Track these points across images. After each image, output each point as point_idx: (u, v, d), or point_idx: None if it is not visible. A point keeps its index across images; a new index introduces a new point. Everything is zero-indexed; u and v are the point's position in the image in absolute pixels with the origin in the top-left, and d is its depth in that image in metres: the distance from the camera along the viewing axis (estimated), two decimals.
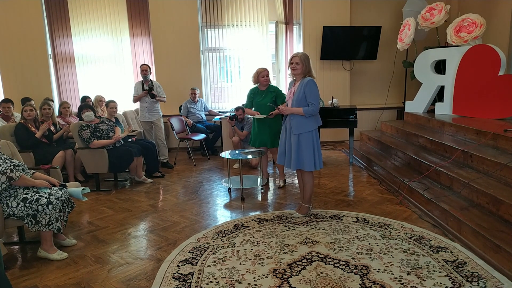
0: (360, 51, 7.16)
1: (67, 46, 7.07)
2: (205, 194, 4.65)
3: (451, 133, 4.87)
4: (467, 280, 2.52)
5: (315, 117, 3.59)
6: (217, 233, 3.44)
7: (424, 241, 3.12)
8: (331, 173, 5.40)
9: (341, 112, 5.70)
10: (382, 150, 5.82)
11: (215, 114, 7.19)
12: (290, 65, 3.55)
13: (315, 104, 3.45)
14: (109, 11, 7.01)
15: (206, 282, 2.61)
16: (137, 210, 4.16)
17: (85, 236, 3.50)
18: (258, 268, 2.77)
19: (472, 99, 5.26)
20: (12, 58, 6.86)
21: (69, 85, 7.22)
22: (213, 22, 7.15)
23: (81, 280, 2.72)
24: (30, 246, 3.34)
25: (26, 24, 6.80)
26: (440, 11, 5.85)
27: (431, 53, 5.94)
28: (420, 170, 4.44)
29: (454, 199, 3.60)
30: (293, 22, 7.21)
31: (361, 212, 3.84)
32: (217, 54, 7.34)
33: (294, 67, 3.49)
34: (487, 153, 3.85)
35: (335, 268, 2.74)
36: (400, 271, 2.66)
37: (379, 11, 7.28)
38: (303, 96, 3.46)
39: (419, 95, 6.17)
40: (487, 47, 5.09)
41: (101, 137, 4.81)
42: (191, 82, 7.04)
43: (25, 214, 2.94)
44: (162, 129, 6.06)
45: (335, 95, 6.30)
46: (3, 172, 2.92)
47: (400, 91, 7.35)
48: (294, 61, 3.49)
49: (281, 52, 7.24)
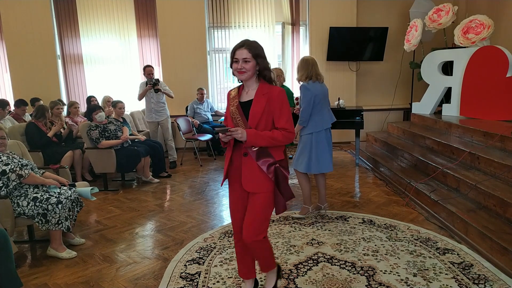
0: (367, 52, 7.15)
1: (75, 47, 7.14)
2: (211, 195, 4.68)
3: (458, 134, 4.86)
4: (474, 283, 2.51)
5: (319, 120, 3.57)
6: (224, 233, 3.46)
7: (431, 243, 3.12)
8: (337, 174, 5.40)
9: (348, 113, 5.70)
10: (389, 151, 5.81)
11: (221, 114, 7.22)
12: None
13: (304, 113, 3.60)
14: (117, 12, 7.07)
15: (213, 282, 2.64)
16: (144, 210, 4.20)
17: (93, 235, 3.55)
18: None
19: (479, 100, 5.24)
20: (21, 59, 6.94)
21: (77, 85, 7.29)
22: (220, 23, 7.18)
23: (90, 279, 2.76)
24: (39, 244, 3.39)
25: (35, 25, 6.88)
26: (447, 12, 5.82)
27: (438, 54, 5.92)
28: (427, 172, 4.43)
29: (461, 201, 3.59)
30: (300, 23, 7.22)
31: (367, 214, 3.84)
32: (223, 54, 7.38)
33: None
34: (494, 155, 3.83)
35: (341, 269, 2.75)
36: (406, 273, 2.67)
37: (386, 12, 7.27)
38: None
39: (426, 97, 6.15)
40: (495, 48, 5.07)
41: (109, 137, 4.86)
42: (197, 83, 7.07)
43: (35, 213, 2.99)
44: (169, 130, 6.08)
45: (341, 96, 6.29)
46: (13, 170, 2.98)
47: (407, 92, 7.32)
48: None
49: (287, 53, 7.26)
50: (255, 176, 2.11)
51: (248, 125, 2.10)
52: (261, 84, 2.15)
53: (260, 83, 2.15)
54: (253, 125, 2.09)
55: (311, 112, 3.54)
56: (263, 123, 2.10)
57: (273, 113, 2.10)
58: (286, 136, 2.10)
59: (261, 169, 2.09)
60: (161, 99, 5.92)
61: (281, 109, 2.10)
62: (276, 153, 2.14)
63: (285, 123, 2.10)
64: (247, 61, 2.06)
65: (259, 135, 2.05)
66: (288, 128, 2.11)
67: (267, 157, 2.10)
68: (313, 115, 3.56)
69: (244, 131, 2.03)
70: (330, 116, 3.69)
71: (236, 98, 2.19)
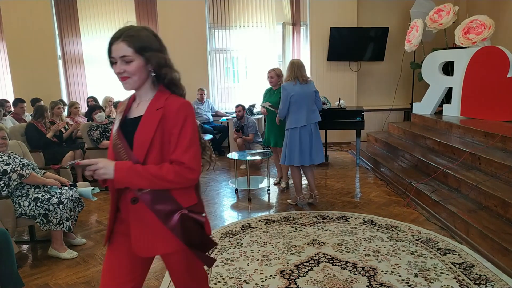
0: (367, 52, 7.15)
1: (76, 47, 7.14)
2: (212, 195, 4.68)
3: (459, 135, 4.86)
4: (475, 283, 2.52)
5: (294, 118, 3.89)
6: (225, 233, 3.47)
7: (432, 243, 3.12)
8: (338, 175, 5.40)
9: (348, 113, 5.70)
10: (389, 151, 5.81)
11: (222, 115, 7.22)
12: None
13: (280, 109, 3.95)
14: (117, 12, 7.07)
15: (214, 282, 2.64)
16: None
17: (95, 235, 3.55)
18: (266, 269, 2.79)
19: (480, 101, 5.24)
20: (22, 59, 6.94)
21: (77, 85, 7.29)
22: (221, 23, 7.18)
23: (91, 279, 2.76)
24: (40, 245, 3.40)
25: (36, 25, 6.88)
26: (448, 12, 5.82)
27: (439, 54, 5.91)
28: (428, 172, 4.43)
29: (462, 201, 3.59)
30: (300, 23, 7.22)
31: (368, 214, 3.84)
32: (224, 55, 7.38)
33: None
34: (495, 155, 3.83)
35: (343, 269, 2.75)
36: (407, 273, 2.67)
37: (386, 12, 7.27)
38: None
39: (426, 97, 6.15)
40: (495, 48, 5.07)
41: (110, 137, 4.87)
42: (198, 83, 7.07)
43: (37, 213, 2.99)
44: None
45: (342, 96, 6.29)
46: (14, 170, 2.98)
47: (408, 93, 7.32)
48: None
49: (288, 53, 7.26)
50: (151, 233, 1.42)
51: (133, 156, 1.39)
52: (158, 93, 1.46)
53: (158, 92, 1.47)
54: (139, 156, 1.39)
55: (287, 109, 3.89)
56: (154, 154, 1.39)
57: (168, 139, 1.40)
58: (180, 175, 1.37)
59: (159, 221, 1.40)
60: None
61: (180, 132, 1.38)
62: (182, 195, 1.45)
63: (182, 155, 1.37)
64: (128, 60, 1.38)
65: (134, 171, 1.35)
66: (186, 162, 1.37)
67: (167, 202, 1.41)
68: (291, 113, 3.90)
69: (110, 164, 1.35)
70: (310, 116, 3.93)
71: (122, 114, 1.50)
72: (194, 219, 1.45)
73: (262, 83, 5.26)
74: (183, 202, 1.44)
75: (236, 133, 5.89)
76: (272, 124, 4.61)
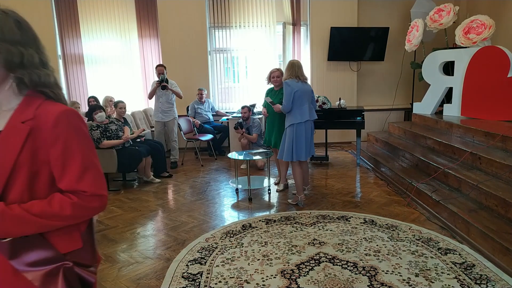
0: (368, 52, 7.15)
1: (76, 47, 7.14)
2: (212, 195, 4.68)
3: (460, 134, 4.86)
4: (476, 283, 2.52)
5: (299, 113, 3.96)
6: (225, 233, 3.47)
7: (432, 243, 3.12)
8: (338, 174, 5.40)
9: (348, 113, 5.70)
10: (390, 151, 5.81)
11: (222, 114, 7.23)
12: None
13: (285, 104, 3.99)
14: (118, 12, 7.07)
15: (215, 282, 2.64)
16: (146, 210, 4.20)
17: (95, 235, 3.54)
18: (266, 269, 2.79)
19: (480, 100, 5.24)
20: None
21: (78, 85, 7.29)
22: (221, 23, 7.18)
23: None
24: None
25: (36, 25, 6.67)
26: (448, 12, 5.82)
27: (439, 54, 5.92)
28: (428, 172, 4.43)
29: (463, 201, 3.59)
30: (301, 23, 7.22)
31: (368, 214, 3.84)
32: (224, 54, 7.38)
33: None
34: (495, 155, 3.84)
35: (343, 269, 2.75)
36: (408, 273, 2.67)
37: (387, 12, 7.27)
38: None
39: (427, 97, 6.15)
40: (496, 48, 5.07)
41: (110, 137, 4.87)
42: (198, 83, 7.08)
43: None
44: (174, 131, 6.07)
45: (342, 96, 6.30)
46: None
47: (408, 92, 7.32)
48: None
49: (288, 53, 7.26)
50: None
51: None
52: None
53: (25, 98, 1.08)
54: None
55: (291, 105, 3.95)
56: (19, 184, 1.01)
57: (47, 163, 1.03)
58: (81, 206, 1.04)
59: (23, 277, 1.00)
60: (170, 100, 5.93)
61: (64, 153, 1.03)
62: (61, 238, 1.06)
63: (77, 182, 1.04)
64: None
65: (10, 217, 0.97)
66: (88, 190, 1.05)
67: (37, 249, 1.02)
68: (294, 108, 3.98)
69: None
70: (311, 112, 4.08)
71: None
72: (81, 278, 1.03)
73: (262, 83, 5.26)
74: (61, 246, 1.03)
75: (235, 131, 5.88)
76: (273, 125, 4.61)
